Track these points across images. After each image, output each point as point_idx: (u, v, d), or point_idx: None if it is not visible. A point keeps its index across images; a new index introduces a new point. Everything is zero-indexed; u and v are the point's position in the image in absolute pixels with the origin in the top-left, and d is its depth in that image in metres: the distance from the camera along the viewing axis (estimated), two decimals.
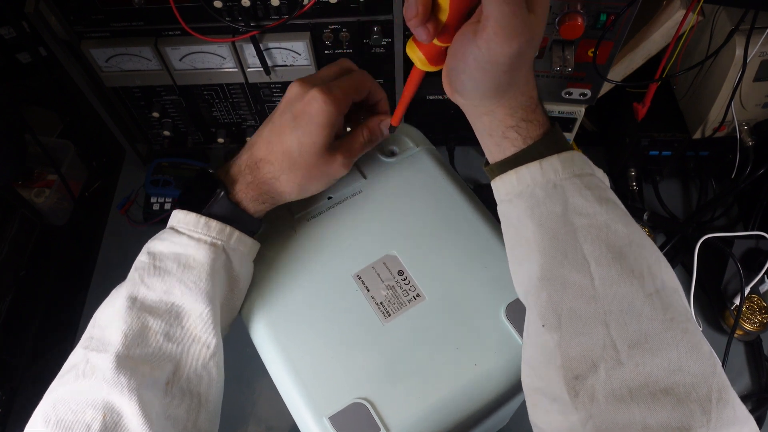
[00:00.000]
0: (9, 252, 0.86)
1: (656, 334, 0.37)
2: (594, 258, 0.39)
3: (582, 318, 0.38)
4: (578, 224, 0.40)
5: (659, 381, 0.36)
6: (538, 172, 0.42)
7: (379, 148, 0.62)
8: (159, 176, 0.98)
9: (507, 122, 0.43)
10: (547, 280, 0.40)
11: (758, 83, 0.79)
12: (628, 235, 0.40)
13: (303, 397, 0.48)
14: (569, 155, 0.42)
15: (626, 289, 0.38)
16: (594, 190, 0.41)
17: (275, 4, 0.76)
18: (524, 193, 0.42)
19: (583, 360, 0.38)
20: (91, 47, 0.82)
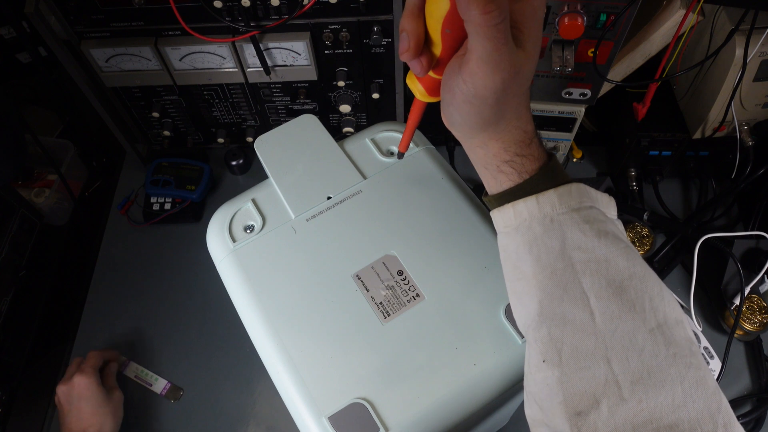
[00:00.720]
0: (9, 252, 0.86)
1: (659, 369, 0.36)
2: (594, 293, 0.39)
3: (583, 354, 0.38)
4: (577, 259, 0.40)
5: (663, 417, 0.35)
6: (534, 207, 0.41)
7: (378, 149, 0.62)
8: (159, 176, 0.98)
9: (501, 156, 0.43)
10: (546, 316, 0.40)
11: (758, 83, 0.79)
12: (628, 269, 0.39)
13: (302, 396, 0.48)
14: (567, 189, 0.41)
15: (627, 325, 0.37)
16: (593, 224, 0.41)
17: (275, 4, 0.76)
18: (521, 228, 0.42)
19: (585, 396, 0.37)
20: (91, 47, 0.82)
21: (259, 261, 0.55)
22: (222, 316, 0.87)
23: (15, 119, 0.90)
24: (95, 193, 1.08)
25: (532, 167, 0.42)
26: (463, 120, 0.41)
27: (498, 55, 0.35)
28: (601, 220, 0.41)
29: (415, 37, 0.38)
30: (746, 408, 0.78)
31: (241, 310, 0.55)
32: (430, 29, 0.39)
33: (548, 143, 0.96)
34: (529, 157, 0.42)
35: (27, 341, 0.89)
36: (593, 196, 0.42)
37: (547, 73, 0.82)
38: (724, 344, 0.78)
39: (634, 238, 0.90)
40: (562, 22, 0.71)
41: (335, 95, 0.93)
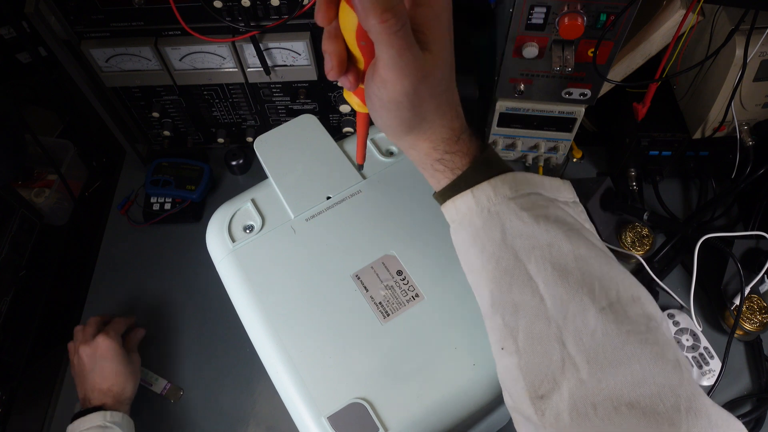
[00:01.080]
0: (9, 252, 0.86)
1: (613, 348, 0.37)
2: (541, 278, 0.39)
3: (538, 338, 0.39)
4: (519, 247, 0.40)
5: (623, 395, 0.35)
6: (471, 201, 0.42)
7: (378, 149, 0.62)
8: (159, 176, 0.98)
9: (432, 155, 0.44)
10: (498, 305, 0.41)
11: (758, 83, 0.79)
12: (572, 251, 0.40)
13: (302, 396, 0.48)
14: (501, 179, 0.42)
15: (576, 306, 0.38)
16: (532, 210, 0.41)
17: (275, 4, 0.76)
18: (464, 222, 0.43)
19: (545, 379, 0.38)
20: (91, 47, 0.82)
21: (259, 261, 0.55)
22: (222, 316, 0.87)
23: (15, 119, 0.90)
24: (95, 193, 1.08)
25: (463, 162, 0.43)
26: (386, 124, 0.42)
27: (402, 61, 0.36)
28: (541, 205, 0.42)
29: (335, 56, 0.40)
30: (746, 408, 0.78)
31: (241, 310, 0.55)
32: (349, 45, 0.40)
33: (548, 143, 0.96)
34: (459, 153, 0.43)
35: (27, 341, 0.89)
36: (536, 181, 0.43)
37: (547, 73, 0.82)
38: (724, 344, 0.78)
39: (634, 238, 0.90)
40: (562, 22, 0.71)
41: (335, 95, 0.93)
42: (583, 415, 0.36)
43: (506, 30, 0.77)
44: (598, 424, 0.35)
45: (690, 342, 0.81)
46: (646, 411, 0.35)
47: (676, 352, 0.38)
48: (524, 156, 1.00)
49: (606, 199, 0.91)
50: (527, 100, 0.89)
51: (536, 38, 0.76)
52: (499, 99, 0.89)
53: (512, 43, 0.78)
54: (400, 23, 0.34)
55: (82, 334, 0.78)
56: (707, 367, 0.79)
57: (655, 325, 0.39)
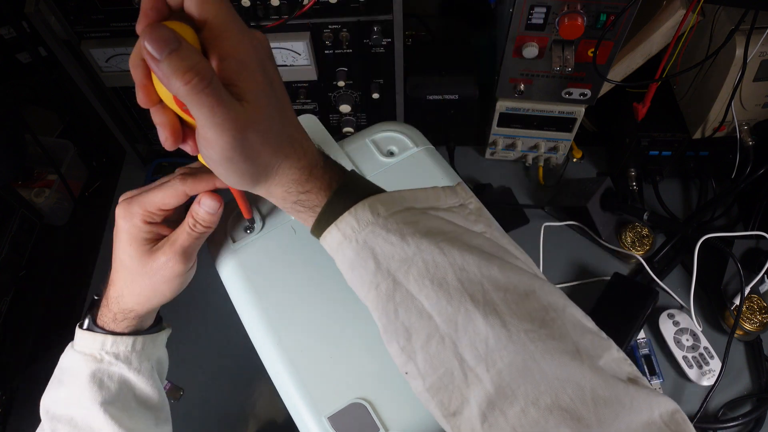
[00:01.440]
0: (9, 252, 0.86)
1: (510, 352, 0.36)
2: (423, 296, 0.38)
3: (436, 357, 0.38)
4: (395, 269, 0.39)
5: (528, 397, 0.35)
6: (337, 234, 0.41)
7: (378, 149, 0.62)
8: (159, 176, 0.97)
9: (289, 198, 0.43)
10: (391, 332, 0.40)
11: (758, 83, 0.79)
12: (447, 262, 0.39)
13: (302, 396, 0.48)
14: (361, 206, 0.40)
15: (463, 317, 0.37)
16: (398, 231, 0.40)
17: (275, 4, 0.76)
18: (338, 255, 0.42)
19: (453, 397, 0.38)
20: (91, 47, 0.82)
21: (259, 261, 0.55)
22: (222, 316, 0.87)
23: (15, 119, 0.90)
24: (95, 193, 1.07)
25: (320, 198, 0.42)
26: (231, 179, 0.41)
27: (217, 117, 0.35)
28: (410, 221, 0.40)
29: (167, 127, 0.39)
30: (746, 408, 0.78)
31: (241, 310, 0.55)
32: (178, 113, 0.39)
33: (548, 143, 0.96)
34: (313, 191, 0.42)
35: (27, 341, 0.89)
36: (404, 197, 0.42)
37: (547, 73, 0.82)
38: (724, 344, 0.78)
39: (634, 238, 0.90)
40: (562, 22, 0.71)
41: (335, 95, 0.93)
42: (494, 425, 0.36)
43: (506, 30, 0.77)
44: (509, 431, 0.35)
45: (690, 342, 0.81)
46: (552, 408, 0.35)
47: (580, 340, 0.37)
48: (524, 156, 1.00)
49: (606, 199, 0.91)
50: (527, 100, 0.89)
51: (536, 38, 0.76)
52: (499, 99, 0.89)
53: (512, 43, 0.78)
54: (205, 80, 0.33)
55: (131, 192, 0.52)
56: (707, 367, 0.79)
57: (553, 317, 0.38)
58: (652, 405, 0.36)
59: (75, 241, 1.02)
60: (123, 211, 0.49)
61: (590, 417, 0.34)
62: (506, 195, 0.99)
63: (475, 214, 0.44)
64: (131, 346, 0.53)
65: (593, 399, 0.35)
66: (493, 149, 1.00)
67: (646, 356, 0.82)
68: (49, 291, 0.94)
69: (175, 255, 0.49)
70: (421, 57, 0.96)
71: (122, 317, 0.53)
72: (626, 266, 0.91)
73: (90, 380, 0.51)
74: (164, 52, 0.32)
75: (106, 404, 0.51)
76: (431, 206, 0.43)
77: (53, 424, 0.52)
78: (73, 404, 0.52)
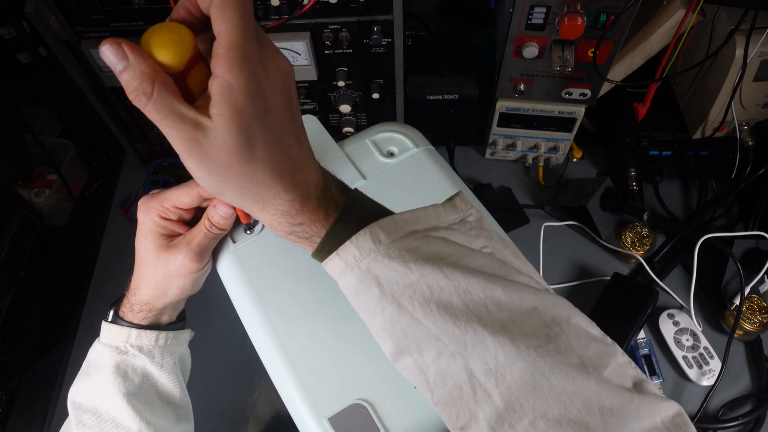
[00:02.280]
0: (9, 252, 0.86)
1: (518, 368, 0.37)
2: (430, 321, 0.38)
3: (446, 371, 0.38)
4: (399, 295, 0.39)
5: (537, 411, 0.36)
6: (340, 263, 0.41)
7: (378, 149, 0.62)
8: (159, 176, 0.98)
9: (281, 229, 0.43)
10: (403, 347, 0.40)
11: (758, 83, 0.79)
12: (452, 285, 0.39)
13: (302, 397, 0.48)
14: (364, 234, 0.40)
15: (472, 337, 0.37)
16: (400, 258, 0.40)
17: (275, 4, 0.76)
18: (341, 280, 0.42)
19: (461, 412, 0.38)
20: (92, 47, 0.82)
21: (260, 261, 0.55)
22: (222, 316, 0.87)
23: (15, 119, 0.90)
24: (95, 193, 1.07)
25: (317, 228, 0.42)
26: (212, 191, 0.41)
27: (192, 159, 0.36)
28: (412, 248, 0.40)
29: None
30: (746, 408, 0.78)
31: (242, 310, 0.55)
32: None
33: (548, 143, 0.96)
34: (306, 223, 0.42)
35: (27, 341, 0.89)
36: (405, 219, 0.41)
37: (547, 73, 0.82)
38: (724, 344, 0.78)
39: (634, 238, 0.90)
40: (562, 22, 0.71)
41: (335, 95, 0.93)
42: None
43: (506, 30, 0.77)
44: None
45: (690, 342, 0.81)
46: (560, 420, 0.35)
47: (584, 352, 0.38)
48: (524, 156, 1.00)
49: (606, 199, 0.91)
50: (527, 100, 0.89)
51: (536, 38, 0.76)
52: (499, 99, 0.89)
53: (512, 43, 0.78)
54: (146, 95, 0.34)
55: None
56: (707, 367, 0.79)
57: (557, 331, 0.38)
58: (656, 411, 0.36)
59: (75, 241, 1.02)
60: (142, 206, 0.52)
61: (598, 426, 0.35)
62: (506, 195, 0.99)
63: (476, 228, 0.44)
64: (155, 341, 0.55)
65: (600, 410, 0.35)
66: (493, 149, 1.00)
67: (646, 356, 0.82)
68: (49, 291, 0.94)
69: (189, 252, 0.51)
70: (421, 57, 0.96)
71: (138, 309, 0.55)
72: (626, 266, 0.91)
73: (115, 371, 0.53)
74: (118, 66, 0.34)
75: (129, 396, 0.53)
76: (432, 226, 0.42)
77: (78, 415, 0.53)
78: (97, 395, 0.53)
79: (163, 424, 0.55)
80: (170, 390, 0.56)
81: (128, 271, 0.55)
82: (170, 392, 0.57)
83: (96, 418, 0.53)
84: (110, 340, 0.55)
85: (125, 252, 0.96)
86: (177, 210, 0.52)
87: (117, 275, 0.95)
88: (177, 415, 0.57)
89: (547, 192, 0.99)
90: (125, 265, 0.97)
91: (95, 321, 0.90)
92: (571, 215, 0.94)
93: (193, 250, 0.51)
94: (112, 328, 0.55)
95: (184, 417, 0.59)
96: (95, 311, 0.91)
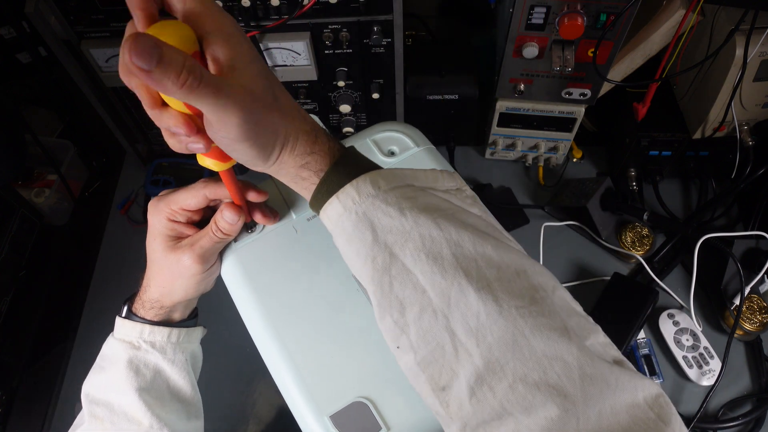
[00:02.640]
0: (9, 252, 0.86)
1: (499, 327, 0.37)
2: (418, 269, 0.39)
3: (429, 331, 0.38)
4: (392, 242, 0.40)
5: (516, 373, 0.36)
6: (338, 206, 0.42)
7: (379, 149, 0.62)
8: (159, 176, 0.98)
9: (297, 163, 0.43)
10: (384, 306, 0.40)
11: (758, 83, 0.79)
12: (443, 237, 0.39)
13: (304, 395, 0.48)
14: (363, 179, 0.41)
15: (456, 292, 0.38)
16: (397, 204, 0.40)
17: (275, 4, 0.76)
18: (337, 228, 0.43)
19: (443, 371, 0.38)
20: (91, 47, 0.82)
21: (261, 261, 0.55)
22: (222, 316, 0.87)
23: (15, 119, 0.90)
24: (95, 193, 1.08)
25: (325, 162, 0.43)
26: (252, 157, 0.41)
27: (221, 101, 0.36)
28: (409, 197, 0.41)
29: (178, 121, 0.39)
30: (746, 408, 0.78)
31: (243, 309, 0.55)
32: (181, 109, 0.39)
33: (548, 143, 0.96)
34: (320, 153, 0.43)
35: (27, 341, 0.89)
36: (405, 174, 0.43)
37: (547, 73, 0.82)
38: (724, 344, 0.78)
39: (634, 238, 0.90)
40: (562, 22, 0.71)
41: (335, 95, 0.93)
42: (482, 400, 0.36)
43: (506, 30, 0.77)
44: (497, 407, 0.36)
45: (690, 342, 0.81)
46: (539, 384, 0.35)
47: (567, 320, 0.38)
48: (524, 156, 1.00)
49: (606, 199, 0.91)
50: (527, 100, 0.89)
51: (536, 38, 0.77)
52: (499, 99, 0.89)
53: (512, 43, 0.78)
54: (197, 76, 0.34)
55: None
56: (707, 367, 0.79)
57: (543, 296, 0.38)
58: (637, 387, 0.36)
59: (75, 241, 1.02)
60: (151, 208, 0.53)
61: (576, 394, 0.35)
62: (506, 195, 0.99)
63: (471, 198, 0.45)
64: (167, 337, 0.56)
65: (581, 377, 0.35)
66: (493, 149, 1.00)
67: (646, 356, 0.82)
68: (49, 291, 0.94)
69: (193, 254, 0.52)
70: (421, 57, 0.96)
71: (150, 306, 0.56)
72: (626, 266, 0.91)
73: (127, 366, 0.54)
74: (152, 62, 0.32)
75: (142, 390, 0.54)
76: (430, 186, 0.44)
77: (92, 408, 0.55)
78: (111, 389, 0.55)
79: (174, 420, 0.56)
80: (181, 386, 0.58)
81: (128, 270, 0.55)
82: (181, 388, 0.58)
83: (108, 411, 0.54)
84: (124, 335, 0.56)
85: (125, 252, 0.96)
86: (185, 212, 0.53)
87: (117, 275, 0.96)
88: (187, 412, 0.58)
89: (547, 192, 0.99)
90: (125, 265, 0.98)
91: (95, 321, 0.91)
92: (571, 215, 0.94)
93: (196, 252, 0.52)
94: (126, 324, 0.56)
95: (194, 413, 0.60)
96: (95, 311, 0.91)
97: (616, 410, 0.35)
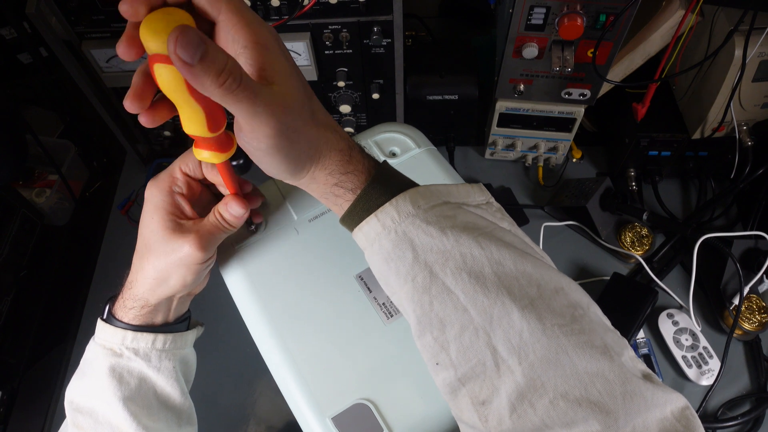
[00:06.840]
0: (9, 252, 0.86)
1: (542, 345, 0.37)
2: (460, 289, 0.39)
3: (469, 348, 0.39)
4: (432, 262, 0.40)
5: (558, 389, 0.36)
6: (377, 225, 0.41)
7: (380, 150, 0.62)
8: None
9: (330, 181, 0.43)
10: (425, 324, 0.40)
11: (757, 83, 0.79)
12: (485, 256, 0.39)
13: (305, 397, 0.48)
14: (402, 197, 0.41)
15: (500, 310, 0.38)
16: (438, 223, 0.40)
17: (275, 4, 0.76)
18: (374, 246, 0.42)
19: (484, 386, 0.38)
20: (92, 48, 0.82)
21: (262, 262, 0.56)
22: (223, 316, 0.87)
23: (16, 119, 0.90)
24: (96, 193, 1.08)
25: (360, 180, 0.43)
26: (280, 169, 0.41)
27: (257, 108, 0.35)
28: (448, 215, 0.41)
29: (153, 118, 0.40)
30: (745, 408, 0.78)
31: (244, 310, 0.55)
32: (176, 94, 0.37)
33: (548, 143, 0.96)
34: (354, 173, 0.43)
35: (27, 341, 0.89)
36: (440, 191, 0.43)
37: (547, 74, 0.82)
38: (723, 344, 0.78)
39: (633, 238, 0.90)
40: (562, 22, 0.71)
41: (335, 95, 0.93)
42: (523, 416, 0.36)
43: (506, 30, 0.77)
44: (537, 422, 0.36)
45: (689, 342, 0.81)
46: (581, 401, 0.35)
47: (604, 337, 0.38)
48: (524, 156, 1.00)
49: (605, 199, 0.91)
50: (527, 101, 0.89)
51: (536, 38, 0.77)
52: (499, 99, 0.90)
53: (512, 43, 0.78)
54: (237, 79, 0.33)
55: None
56: (706, 366, 0.79)
57: (581, 313, 0.39)
58: (666, 401, 0.36)
59: (76, 241, 1.02)
60: (151, 182, 0.50)
61: (618, 410, 0.35)
62: (506, 195, 0.99)
63: (500, 211, 0.45)
64: (151, 344, 0.52)
65: (622, 393, 0.36)
66: (492, 149, 1.00)
67: (645, 356, 0.82)
68: (49, 291, 0.95)
69: (199, 238, 0.48)
70: (421, 57, 0.96)
71: (131, 305, 0.52)
72: (626, 266, 0.91)
73: (110, 374, 0.51)
74: (196, 56, 0.31)
75: (126, 399, 0.51)
76: (463, 201, 0.44)
77: (75, 416, 0.52)
78: (94, 396, 0.52)
79: (162, 428, 0.54)
80: (169, 393, 0.55)
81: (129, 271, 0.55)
82: (169, 395, 0.55)
83: (92, 420, 0.52)
84: (104, 340, 0.52)
85: (126, 252, 0.96)
86: (185, 177, 0.50)
87: (117, 275, 0.95)
88: (178, 419, 0.56)
89: (547, 192, 0.99)
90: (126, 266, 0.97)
91: (95, 321, 0.90)
92: (570, 215, 0.94)
93: (203, 236, 0.48)
94: (107, 329, 0.52)
95: (186, 419, 0.57)
96: (95, 311, 0.90)
97: (647, 425, 0.35)
